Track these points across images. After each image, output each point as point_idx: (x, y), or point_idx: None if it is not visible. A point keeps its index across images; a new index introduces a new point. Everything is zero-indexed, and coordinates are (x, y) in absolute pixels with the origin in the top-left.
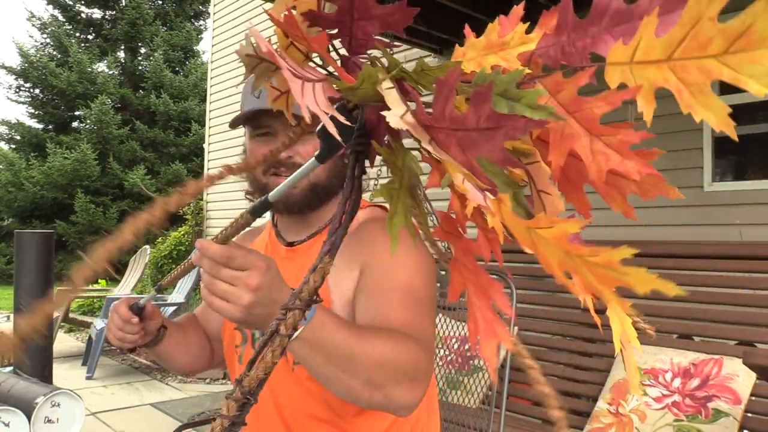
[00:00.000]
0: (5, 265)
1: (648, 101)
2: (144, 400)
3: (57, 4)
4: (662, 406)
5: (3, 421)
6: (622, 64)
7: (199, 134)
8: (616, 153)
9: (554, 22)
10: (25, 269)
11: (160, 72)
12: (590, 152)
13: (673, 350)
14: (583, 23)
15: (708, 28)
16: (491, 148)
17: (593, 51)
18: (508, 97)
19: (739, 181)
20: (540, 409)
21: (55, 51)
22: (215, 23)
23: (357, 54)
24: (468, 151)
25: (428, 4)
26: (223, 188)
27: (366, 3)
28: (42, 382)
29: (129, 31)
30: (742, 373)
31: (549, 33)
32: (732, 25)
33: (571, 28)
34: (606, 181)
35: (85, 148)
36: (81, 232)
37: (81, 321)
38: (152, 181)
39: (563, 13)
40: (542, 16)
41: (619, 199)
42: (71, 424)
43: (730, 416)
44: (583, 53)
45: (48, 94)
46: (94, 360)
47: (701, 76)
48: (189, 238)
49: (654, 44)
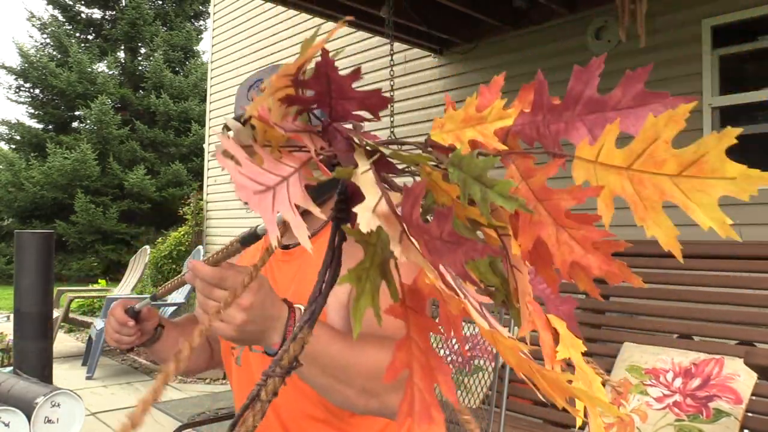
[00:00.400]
0: (5, 265)
1: (607, 205)
2: None
3: (57, 4)
4: (663, 406)
5: (3, 421)
6: (587, 161)
7: (199, 134)
8: (580, 246)
9: (530, 96)
10: (25, 269)
11: (160, 72)
12: (556, 241)
13: (674, 350)
14: (558, 107)
15: (663, 149)
16: (452, 260)
17: (565, 137)
18: (481, 182)
19: None
20: (540, 409)
21: (55, 51)
22: (215, 23)
23: (337, 121)
24: (433, 256)
25: (428, 4)
26: (223, 189)
27: (342, 88)
28: (42, 382)
29: (129, 31)
30: (743, 372)
31: (525, 111)
32: (686, 152)
33: (546, 110)
34: (570, 266)
35: (85, 148)
36: (81, 232)
37: (81, 321)
38: (152, 181)
39: (539, 94)
40: (521, 90)
41: (585, 280)
42: (71, 424)
43: (731, 416)
44: (555, 138)
45: (48, 94)
46: (94, 360)
47: (655, 193)
48: (189, 239)
49: (616, 152)
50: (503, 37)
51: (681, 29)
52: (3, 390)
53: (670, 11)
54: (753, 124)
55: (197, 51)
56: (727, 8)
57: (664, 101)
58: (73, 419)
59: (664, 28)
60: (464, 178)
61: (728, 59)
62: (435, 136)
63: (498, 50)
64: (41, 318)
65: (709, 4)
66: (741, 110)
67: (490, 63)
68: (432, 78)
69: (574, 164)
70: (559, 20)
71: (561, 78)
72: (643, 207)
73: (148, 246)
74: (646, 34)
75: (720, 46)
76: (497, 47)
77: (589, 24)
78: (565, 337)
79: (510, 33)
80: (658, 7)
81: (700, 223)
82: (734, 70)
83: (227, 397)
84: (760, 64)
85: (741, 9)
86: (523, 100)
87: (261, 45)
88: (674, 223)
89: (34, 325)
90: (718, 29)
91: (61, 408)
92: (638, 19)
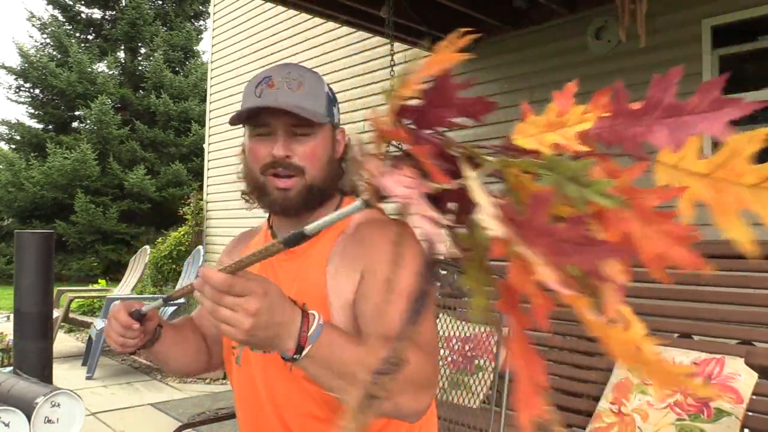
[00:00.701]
0: (5, 265)
1: (687, 206)
2: (144, 400)
3: (57, 4)
4: (665, 405)
5: (3, 421)
6: (669, 166)
7: (199, 134)
8: (666, 239)
9: (604, 100)
10: (25, 269)
11: (160, 72)
12: (641, 235)
13: (675, 349)
14: (637, 112)
15: (743, 163)
16: (581, 260)
17: (645, 139)
18: (578, 182)
19: None
20: None
21: (55, 51)
22: (215, 23)
23: (423, 129)
24: (559, 257)
25: (428, 4)
26: (223, 189)
27: (448, 93)
28: (42, 382)
29: (129, 31)
30: (743, 372)
31: (604, 116)
32: (765, 167)
33: (625, 115)
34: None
35: (85, 148)
36: (81, 232)
37: (81, 321)
38: (152, 181)
39: (619, 101)
40: (595, 95)
41: (661, 270)
42: (71, 424)
43: (732, 415)
44: (635, 140)
45: (48, 94)
46: (94, 360)
47: (735, 201)
48: (189, 239)
49: (698, 162)
50: (503, 37)
51: (681, 29)
52: (3, 390)
53: (670, 11)
54: (753, 124)
55: (197, 51)
56: (727, 8)
57: (739, 105)
58: (73, 419)
59: (664, 28)
60: (558, 179)
61: (728, 59)
62: (518, 141)
63: (498, 50)
64: (41, 318)
65: (709, 4)
66: None
67: (490, 63)
68: (432, 78)
69: (656, 168)
70: (559, 20)
71: (561, 78)
72: (723, 212)
73: (148, 246)
74: (646, 34)
75: (720, 46)
76: (497, 47)
77: (589, 24)
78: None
79: (510, 33)
80: (658, 7)
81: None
82: (734, 70)
83: (227, 397)
84: (760, 64)
85: (741, 9)
86: (596, 104)
87: (261, 45)
88: None
89: (34, 325)
90: (718, 29)
91: (61, 408)
92: (638, 19)
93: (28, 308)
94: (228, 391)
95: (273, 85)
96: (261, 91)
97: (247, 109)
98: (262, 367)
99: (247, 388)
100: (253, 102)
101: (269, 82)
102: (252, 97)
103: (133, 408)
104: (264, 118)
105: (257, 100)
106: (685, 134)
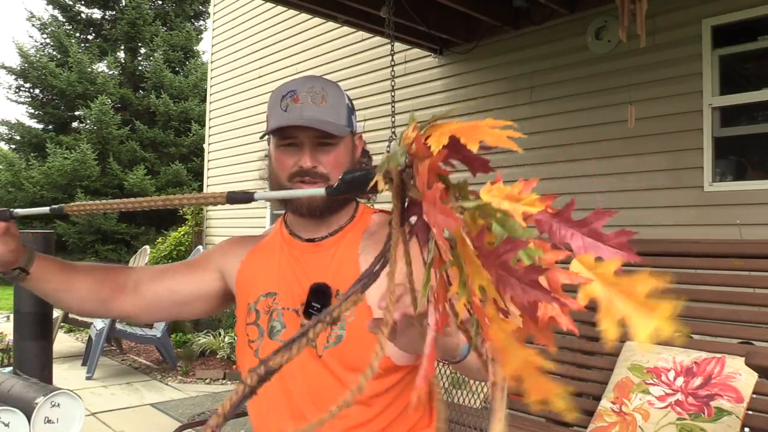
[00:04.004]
0: None
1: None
2: (144, 400)
3: (57, 4)
4: (665, 404)
5: (3, 421)
6: (584, 263)
7: (199, 134)
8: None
9: (552, 201)
10: None
11: (160, 72)
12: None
13: (675, 349)
14: (571, 222)
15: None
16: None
17: (568, 242)
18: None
19: (739, 181)
20: (542, 408)
21: (55, 51)
22: (215, 23)
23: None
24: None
25: (428, 4)
26: (222, 189)
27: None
28: (42, 382)
29: (129, 31)
30: (744, 371)
31: (549, 211)
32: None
33: (563, 220)
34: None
35: (85, 148)
36: (81, 232)
37: (81, 321)
38: (152, 181)
39: (565, 209)
40: (547, 195)
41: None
42: (71, 424)
43: (732, 415)
44: (562, 239)
45: (48, 94)
46: (94, 360)
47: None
48: (189, 239)
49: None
50: (503, 37)
51: (681, 29)
52: (3, 390)
53: (670, 11)
54: (753, 124)
55: (197, 51)
56: (727, 8)
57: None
58: (73, 419)
59: (664, 28)
60: (502, 234)
61: (728, 59)
62: (483, 195)
63: (498, 50)
64: (41, 318)
65: (709, 4)
66: (741, 110)
67: (490, 63)
68: (432, 78)
69: (574, 260)
70: (559, 20)
71: (561, 78)
72: (608, 314)
73: (148, 246)
74: (646, 34)
75: (720, 46)
76: (497, 47)
77: (589, 24)
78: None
79: (510, 33)
80: (658, 7)
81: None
82: (734, 70)
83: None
84: (760, 64)
85: (741, 9)
86: (546, 201)
87: (261, 45)
88: (672, 222)
89: (33, 326)
90: (718, 29)
91: (60, 408)
92: (638, 19)
93: (28, 308)
94: (228, 391)
95: (298, 100)
96: (287, 106)
97: (279, 126)
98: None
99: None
100: (280, 118)
101: (294, 96)
102: (278, 110)
103: (133, 408)
104: (291, 132)
105: (284, 115)
106: (594, 253)
